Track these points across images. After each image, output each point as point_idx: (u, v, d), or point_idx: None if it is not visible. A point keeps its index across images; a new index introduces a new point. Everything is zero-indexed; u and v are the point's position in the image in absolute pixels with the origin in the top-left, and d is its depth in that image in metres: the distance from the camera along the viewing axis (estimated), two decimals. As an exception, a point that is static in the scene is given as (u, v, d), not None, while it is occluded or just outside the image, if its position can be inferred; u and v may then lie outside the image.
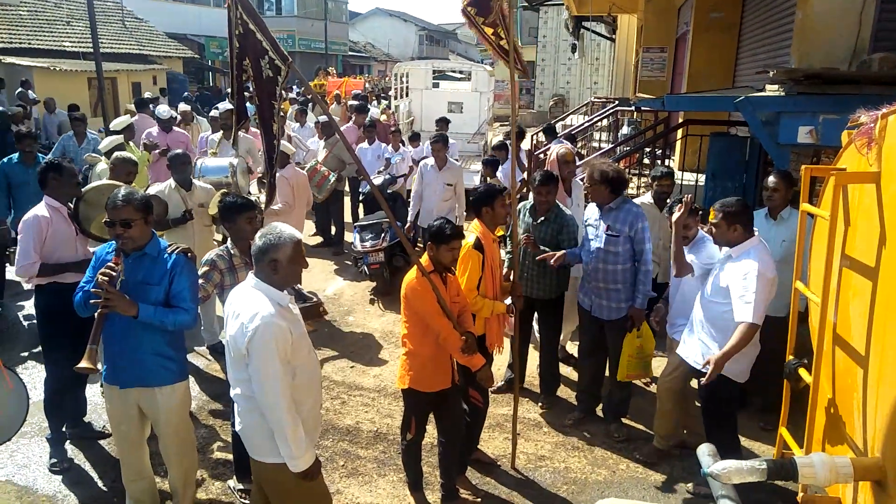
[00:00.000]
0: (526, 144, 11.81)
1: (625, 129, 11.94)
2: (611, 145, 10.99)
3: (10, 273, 6.15)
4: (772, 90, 5.03)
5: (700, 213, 5.36)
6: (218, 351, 5.65)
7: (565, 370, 5.49)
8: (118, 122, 7.98)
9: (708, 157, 5.81)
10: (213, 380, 5.35)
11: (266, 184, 3.89)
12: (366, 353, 6.03)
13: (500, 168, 7.88)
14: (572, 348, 5.72)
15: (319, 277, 7.93)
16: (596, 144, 12.35)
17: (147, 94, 14.04)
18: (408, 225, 7.53)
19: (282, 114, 3.62)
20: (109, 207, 3.09)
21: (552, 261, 4.45)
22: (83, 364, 2.96)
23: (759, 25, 7.99)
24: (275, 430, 2.68)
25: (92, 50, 17.31)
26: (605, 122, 12.66)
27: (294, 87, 18.76)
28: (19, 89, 13.93)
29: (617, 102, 13.00)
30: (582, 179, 5.63)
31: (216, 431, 4.64)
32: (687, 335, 4.02)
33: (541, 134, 10.24)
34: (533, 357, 5.47)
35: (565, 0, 15.53)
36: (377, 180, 7.80)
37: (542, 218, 4.73)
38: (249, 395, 2.73)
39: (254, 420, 2.76)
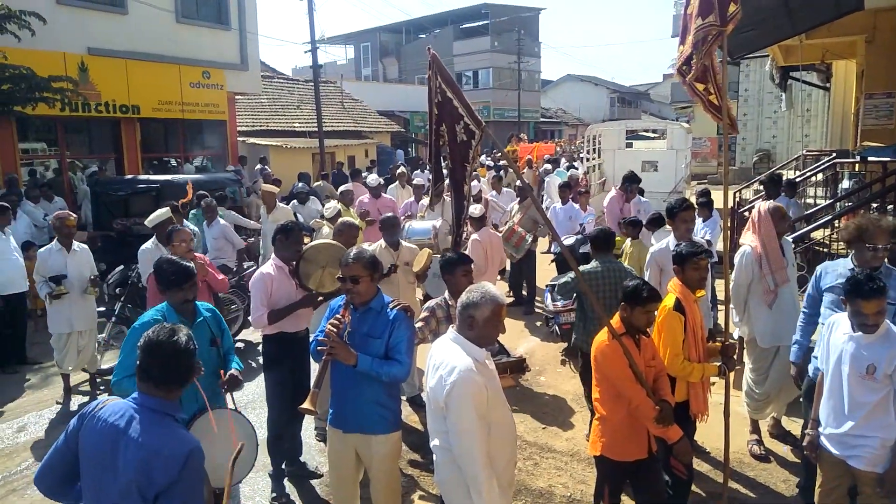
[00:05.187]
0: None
1: (845, 184, 10.75)
2: (829, 201, 9.97)
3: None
4: None
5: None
6: (416, 403, 5.92)
7: (780, 449, 4.94)
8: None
9: (957, 211, 5.03)
10: (413, 431, 5.59)
11: (451, 240, 4.19)
12: (558, 414, 5.95)
13: (704, 223, 7.45)
14: (788, 424, 5.14)
15: (511, 336, 8.00)
16: (811, 200, 11.27)
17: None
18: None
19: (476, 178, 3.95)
20: (342, 265, 3.42)
21: None
22: (305, 405, 3.25)
23: None
24: (470, 483, 2.71)
25: (316, 129, 19.90)
26: (819, 176, 11.54)
27: (483, 154, 19.69)
28: (258, 165, 16.48)
29: (835, 154, 11.83)
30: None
31: (416, 481, 4.83)
32: None
33: (751, 189, 9.49)
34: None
35: (770, 51, 14.61)
36: (570, 240, 7.80)
37: None
38: (447, 447, 2.81)
39: (451, 473, 2.83)
